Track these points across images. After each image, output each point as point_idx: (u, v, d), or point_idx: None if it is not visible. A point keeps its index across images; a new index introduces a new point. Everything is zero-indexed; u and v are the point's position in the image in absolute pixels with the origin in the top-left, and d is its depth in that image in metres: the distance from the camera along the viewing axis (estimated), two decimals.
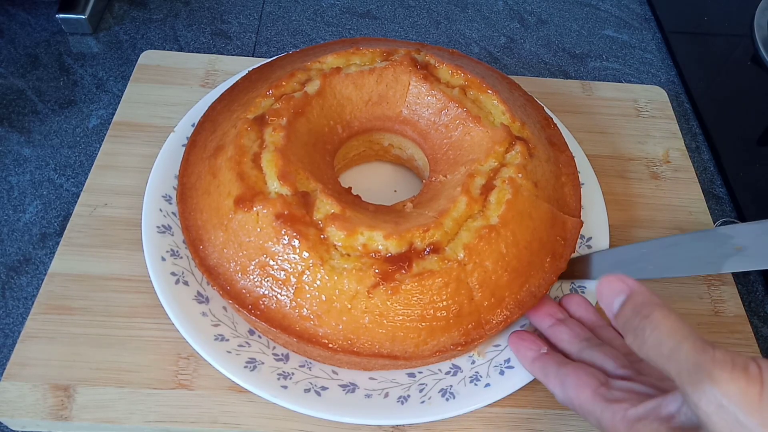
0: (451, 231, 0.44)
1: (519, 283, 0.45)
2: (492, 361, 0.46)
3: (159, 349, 0.47)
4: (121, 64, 0.68)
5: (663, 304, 0.31)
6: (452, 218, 0.45)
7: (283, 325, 0.42)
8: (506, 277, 0.44)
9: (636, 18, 0.82)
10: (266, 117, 0.49)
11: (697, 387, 0.27)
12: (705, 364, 0.27)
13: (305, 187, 0.46)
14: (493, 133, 0.50)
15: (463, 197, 0.45)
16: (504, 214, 0.45)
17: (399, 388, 0.45)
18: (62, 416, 0.43)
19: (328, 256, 0.43)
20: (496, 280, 0.44)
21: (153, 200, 0.51)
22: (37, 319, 0.47)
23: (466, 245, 0.43)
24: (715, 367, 0.27)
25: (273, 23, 0.75)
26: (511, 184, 0.46)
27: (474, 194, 0.46)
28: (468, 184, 0.47)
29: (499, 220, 0.45)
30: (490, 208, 0.45)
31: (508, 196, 0.45)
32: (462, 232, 0.44)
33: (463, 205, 0.45)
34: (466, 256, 0.43)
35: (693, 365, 0.28)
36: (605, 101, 0.68)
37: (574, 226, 0.49)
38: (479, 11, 0.80)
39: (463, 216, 0.45)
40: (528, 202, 0.46)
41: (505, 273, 0.44)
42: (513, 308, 0.45)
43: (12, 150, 0.60)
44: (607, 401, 0.36)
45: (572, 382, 0.39)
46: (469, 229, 0.44)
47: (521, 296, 0.45)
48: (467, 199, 0.45)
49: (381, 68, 0.53)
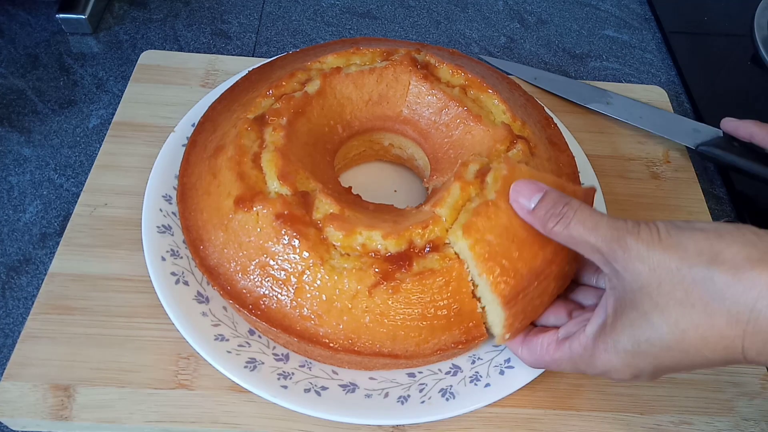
0: (449, 218, 0.44)
1: (532, 252, 0.42)
2: (492, 361, 0.46)
3: (159, 349, 0.47)
4: (121, 64, 0.68)
5: (578, 199, 0.39)
6: (448, 206, 0.44)
7: (283, 325, 0.42)
8: (515, 248, 0.42)
9: (636, 18, 0.82)
10: (266, 117, 0.49)
11: (620, 242, 0.35)
12: (622, 227, 0.36)
13: (305, 186, 0.46)
14: (494, 132, 0.50)
15: (456, 183, 0.45)
16: (501, 189, 0.43)
17: (399, 388, 0.45)
18: (62, 416, 0.43)
19: (328, 256, 0.43)
20: (503, 252, 0.42)
21: (153, 200, 0.51)
22: (37, 319, 0.47)
23: (464, 225, 0.42)
24: (628, 226, 0.36)
25: (273, 23, 0.75)
26: (506, 162, 0.44)
27: (467, 178, 0.45)
28: (461, 171, 0.46)
29: (496, 194, 0.43)
30: (487, 188, 0.44)
31: (504, 172, 0.44)
32: (461, 216, 0.44)
33: (457, 190, 0.44)
34: (465, 234, 0.41)
35: (614, 229, 0.36)
36: None
37: (587, 192, 0.46)
38: (479, 11, 0.80)
39: (460, 201, 0.44)
40: (527, 175, 0.44)
41: (513, 244, 0.42)
42: (529, 277, 0.42)
43: (12, 150, 0.60)
44: (570, 338, 0.40)
45: (536, 345, 0.43)
46: (467, 210, 0.43)
47: (536, 264, 0.42)
48: (460, 183, 0.45)
49: (381, 68, 0.53)
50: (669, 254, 0.34)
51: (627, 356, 0.36)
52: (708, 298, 0.32)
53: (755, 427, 0.47)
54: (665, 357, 0.35)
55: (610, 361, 0.37)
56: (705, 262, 0.33)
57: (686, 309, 0.33)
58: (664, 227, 0.35)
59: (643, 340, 0.35)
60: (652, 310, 0.34)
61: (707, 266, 0.32)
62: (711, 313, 0.32)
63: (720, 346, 0.33)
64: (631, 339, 0.36)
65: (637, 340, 0.35)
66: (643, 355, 0.36)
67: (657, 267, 0.34)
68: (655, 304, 0.34)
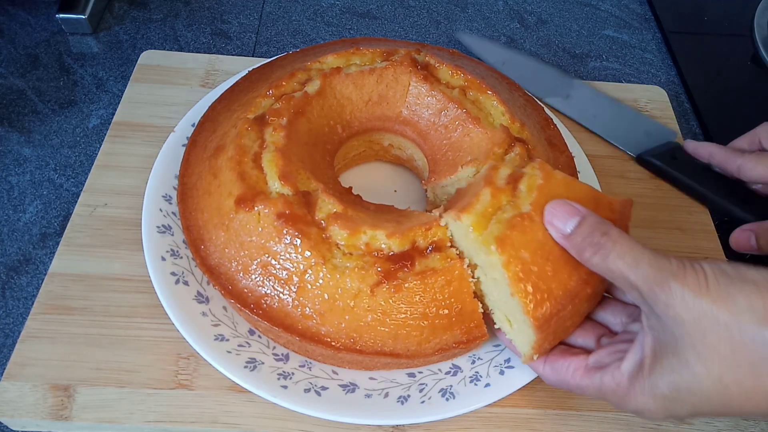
0: (477, 226, 0.41)
1: (567, 271, 0.40)
2: (492, 361, 0.46)
3: (159, 349, 0.47)
4: (121, 64, 0.68)
5: (619, 229, 0.37)
6: (477, 212, 0.41)
7: (285, 324, 0.42)
8: (550, 266, 0.40)
9: (636, 18, 0.82)
10: (266, 117, 0.49)
11: (663, 286, 0.33)
12: (666, 267, 0.33)
13: (306, 186, 0.46)
14: (492, 135, 0.50)
15: (486, 189, 0.42)
16: (537, 201, 0.40)
17: (399, 388, 0.45)
18: (62, 416, 0.43)
19: (330, 255, 0.43)
20: (538, 271, 0.40)
21: (153, 200, 0.51)
22: (37, 319, 0.47)
23: (497, 237, 0.39)
24: (674, 268, 0.33)
25: (273, 23, 0.75)
26: (542, 168, 0.42)
27: (499, 184, 0.42)
28: (491, 176, 0.43)
29: (531, 207, 0.40)
30: (520, 197, 0.41)
31: (539, 181, 0.41)
32: (491, 225, 0.41)
33: (487, 196, 0.42)
34: (500, 248, 0.39)
35: (656, 269, 0.34)
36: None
37: (623, 205, 0.44)
38: (479, 11, 0.80)
39: (490, 209, 0.41)
40: (563, 186, 0.42)
41: (548, 262, 0.40)
42: (563, 300, 0.40)
43: (12, 150, 0.60)
44: (601, 369, 0.39)
45: (563, 368, 0.41)
46: (500, 221, 0.40)
47: (571, 286, 0.40)
48: (491, 189, 0.42)
49: (381, 68, 0.53)
50: (717, 306, 0.32)
51: (664, 401, 0.35)
52: (756, 359, 0.31)
53: (755, 427, 0.47)
54: (704, 406, 0.34)
55: (645, 403, 0.35)
56: (757, 320, 0.31)
57: (732, 366, 0.32)
58: (711, 273, 0.33)
59: (683, 388, 0.33)
60: (694, 360, 0.33)
61: (759, 326, 0.31)
62: (759, 375, 0.31)
63: (764, 404, 0.32)
64: (670, 385, 0.34)
65: (677, 387, 0.34)
66: (682, 402, 0.34)
67: (703, 318, 0.32)
68: (698, 354, 0.32)
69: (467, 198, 0.43)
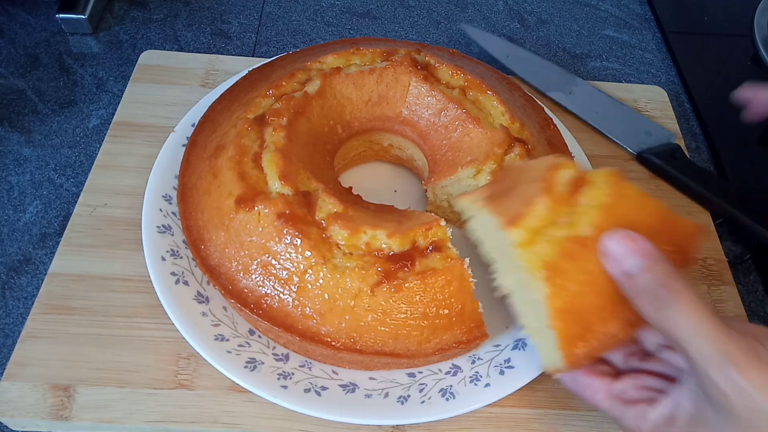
0: (524, 240, 0.35)
1: (614, 312, 0.35)
2: (492, 361, 0.46)
3: (159, 349, 0.47)
4: (121, 64, 0.68)
5: (687, 282, 0.33)
6: (528, 227, 0.35)
7: (285, 324, 0.42)
8: (597, 303, 0.35)
9: (636, 18, 0.82)
10: (266, 117, 0.49)
11: (721, 372, 0.30)
12: (731, 351, 0.30)
13: (306, 186, 0.46)
14: (492, 135, 0.50)
15: (543, 199, 0.35)
16: (600, 223, 0.34)
17: (399, 388, 0.45)
18: (62, 416, 0.43)
19: (331, 255, 0.43)
20: (585, 309, 0.35)
21: (153, 200, 0.51)
22: (37, 319, 0.47)
23: (547, 263, 0.34)
24: (739, 353, 0.30)
25: (273, 23, 0.75)
26: (611, 181, 0.36)
27: (559, 190, 0.36)
28: (551, 178, 0.36)
29: (591, 230, 0.34)
30: (580, 213, 0.35)
31: (605, 198, 0.35)
32: (541, 243, 0.34)
33: (543, 209, 0.35)
34: (548, 278, 0.34)
35: (719, 350, 0.30)
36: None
37: (696, 232, 0.38)
38: (479, 11, 0.80)
39: (544, 222, 0.35)
40: (633, 204, 0.36)
41: (597, 299, 0.35)
42: (603, 340, 0.36)
43: (12, 150, 0.60)
44: (624, 403, 0.37)
45: (584, 384, 0.39)
46: (553, 241, 0.35)
47: (615, 329, 0.36)
48: (550, 201, 0.35)
49: (381, 68, 0.53)
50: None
51: None
52: None
53: None
54: None
55: None
56: None
57: None
58: None
59: None
60: None
61: None
62: None
63: None
64: None
65: None
66: None
67: (758, 414, 0.29)
68: None
69: (517, 200, 0.36)
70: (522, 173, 0.39)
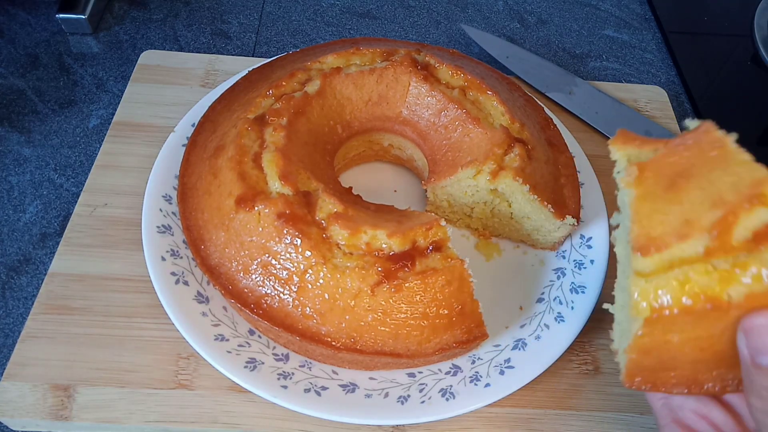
0: (650, 271, 0.27)
1: (705, 368, 0.31)
2: (492, 361, 0.46)
3: (159, 349, 0.47)
4: (121, 64, 0.68)
5: None
6: (661, 261, 0.27)
7: (285, 324, 0.42)
8: (695, 356, 0.29)
9: (636, 18, 0.82)
10: (266, 117, 0.49)
11: None
12: None
13: (306, 186, 0.46)
14: (492, 135, 0.50)
15: (704, 238, 0.27)
16: (759, 295, 0.26)
17: (399, 388, 0.45)
18: (62, 416, 0.43)
19: (331, 255, 0.43)
20: (670, 352, 0.30)
21: (153, 200, 0.51)
22: (37, 319, 0.47)
23: (657, 310, 0.27)
24: None
25: (273, 23, 0.75)
26: None
27: (734, 243, 0.27)
28: (737, 211, 0.27)
29: (742, 298, 0.26)
30: (741, 266, 0.27)
31: None
32: (669, 278, 0.27)
33: (696, 250, 0.27)
34: (651, 318, 0.27)
35: None
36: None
37: None
38: (479, 11, 0.80)
39: (683, 263, 0.27)
40: None
41: (699, 353, 0.29)
42: (665, 389, 0.32)
43: (12, 150, 0.60)
44: (674, 421, 0.35)
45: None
46: (684, 283, 0.27)
47: (704, 378, 0.31)
48: (712, 247, 0.27)
49: (381, 68, 0.53)
50: None
51: None
52: None
53: None
54: None
55: None
56: None
57: None
58: None
59: None
60: None
61: None
62: None
63: None
64: None
65: None
66: None
67: None
68: None
69: (675, 210, 0.27)
70: (709, 162, 0.30)
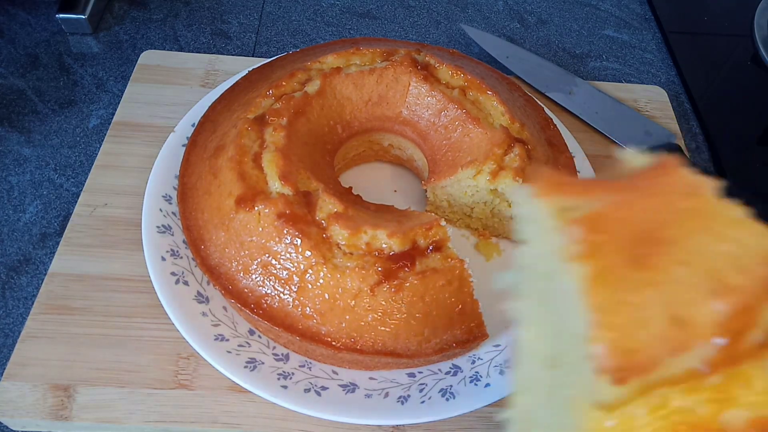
0: (614, 403, 0.23)
1: None
2: (492, 361, 0.46)
3: (159, 349, 0.47)
4: (121, 64, 0.68)
5: None
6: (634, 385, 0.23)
7: (285, 324, 0.42)
8: None
9: (636, 18, 0.82)
10: (266, 117, 0.49)
11: None
12: None
13: (306, 186, 0.46)
14: (492, 135, 0.50)
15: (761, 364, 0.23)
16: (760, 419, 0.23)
17: (399, 388, 0.45)
18: (62, 416, 0.43)
19: (331, 255, 0.43)
20: None
21: (153, 200, 0.51)
22: (37, 319, 0.47)
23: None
24: None
25: (273, 23, 0.75)
26: None
27: (748, 343, 0.23)
28: (746, 320, 0.23)
29: (745, 425, 0.23)
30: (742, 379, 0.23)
31: None
32: (636, 405, 0.23)
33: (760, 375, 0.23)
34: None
35: None
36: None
37: None
38: (479, 11, 0.80)
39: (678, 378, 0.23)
40: None
41: None
42: None
43: (12, 150, 0.60)
44: None
45: None
46: (668, 405, 0.23)
47: None
48: (716, 383, 0.23)
49: (381, 68, 0.53)
50: None
51: None
52: None
53: None
54: None
55: None
56: None
57: None
58: None
59: None
60: None
61: None
62: None
63: None
64: None
65: None
66: None
67: None
68: None
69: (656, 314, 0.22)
70: (684, 219, 0.24)
